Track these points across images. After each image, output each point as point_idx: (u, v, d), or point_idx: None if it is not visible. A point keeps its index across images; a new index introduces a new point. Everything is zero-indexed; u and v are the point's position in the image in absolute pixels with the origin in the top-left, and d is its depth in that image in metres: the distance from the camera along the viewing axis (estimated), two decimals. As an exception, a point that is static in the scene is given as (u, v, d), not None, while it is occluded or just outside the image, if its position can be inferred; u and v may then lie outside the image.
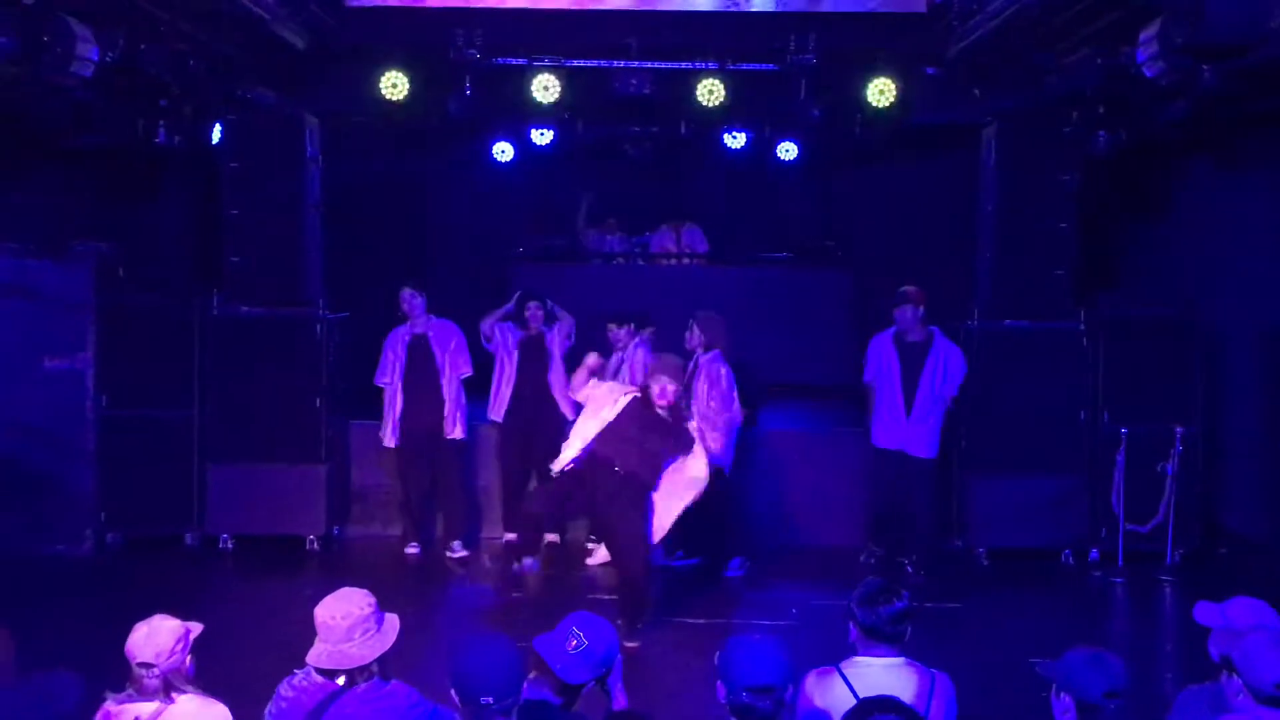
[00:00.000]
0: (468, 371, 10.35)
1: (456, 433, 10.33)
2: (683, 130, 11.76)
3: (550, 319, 10.57)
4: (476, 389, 10.53)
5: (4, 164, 10.46)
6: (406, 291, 10.26)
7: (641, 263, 14.16)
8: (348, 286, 11.10)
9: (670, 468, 8.06)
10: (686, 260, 14.03)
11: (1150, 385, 10.19)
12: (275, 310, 10.34)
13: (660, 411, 8.02)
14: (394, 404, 10.27)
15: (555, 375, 10.37)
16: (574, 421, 8.51)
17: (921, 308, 9.71)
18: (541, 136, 12.50)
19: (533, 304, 10.55)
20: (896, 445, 9.85)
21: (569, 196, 13.93)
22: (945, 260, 11.70)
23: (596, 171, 13.17)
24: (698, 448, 8.16)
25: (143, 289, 10.50)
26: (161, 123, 10.00)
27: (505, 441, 10.64)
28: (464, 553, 10.32)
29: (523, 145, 12.75)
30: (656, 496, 8.03)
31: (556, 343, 10.47)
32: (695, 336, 9.88)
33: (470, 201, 13.80)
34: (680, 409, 8.19)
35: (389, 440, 10.34)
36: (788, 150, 13.45)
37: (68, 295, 10.22)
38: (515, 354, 10.49)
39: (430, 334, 10.30)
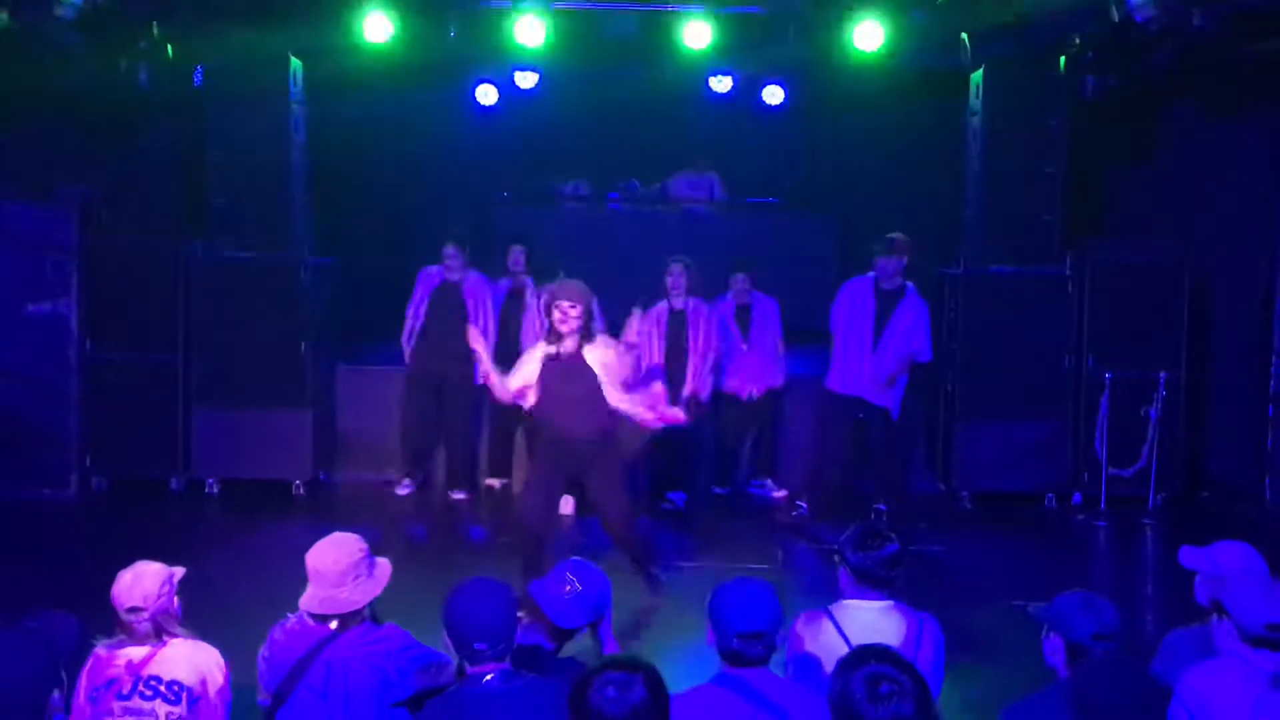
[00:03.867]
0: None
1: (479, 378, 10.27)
2: (668, 74, 11.66)
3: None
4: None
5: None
6: (449, 248, 10.24)
7: (620, 208, 14.04)
8: (334, 231, 11.03)
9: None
10: (701, 205, 13.83)
11: (1136, 331, 10.22)
12: (260, 254, 10.26)
13: (567, 342, 7.25)
14: (410, 332, 10.32)
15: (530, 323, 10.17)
16: None
17: (905, 259, 9.46)
18: (526, 79, 12.39)
19: (516, 248, 10.51)
20: (855, 391, 9.53)
21: (553, 141, 13.81)
22: (932, 206, 11.67)
23: (580, 115, 13.07)
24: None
25: (127, 233, 10.43)
26: (143, 65, 9.91)
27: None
28: (462, 495, 10.37)
29: (507, 88, 12.64)
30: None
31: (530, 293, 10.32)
32: (681, 281, 9.83)
33: (454, 145, 13.69)
34: (588, 335, 7.36)
35: (406, 357, 10.37)
36: (774, 94, 13.36)
37: (51, 239, 10.14)
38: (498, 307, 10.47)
39: (464, 283, 10.27)
